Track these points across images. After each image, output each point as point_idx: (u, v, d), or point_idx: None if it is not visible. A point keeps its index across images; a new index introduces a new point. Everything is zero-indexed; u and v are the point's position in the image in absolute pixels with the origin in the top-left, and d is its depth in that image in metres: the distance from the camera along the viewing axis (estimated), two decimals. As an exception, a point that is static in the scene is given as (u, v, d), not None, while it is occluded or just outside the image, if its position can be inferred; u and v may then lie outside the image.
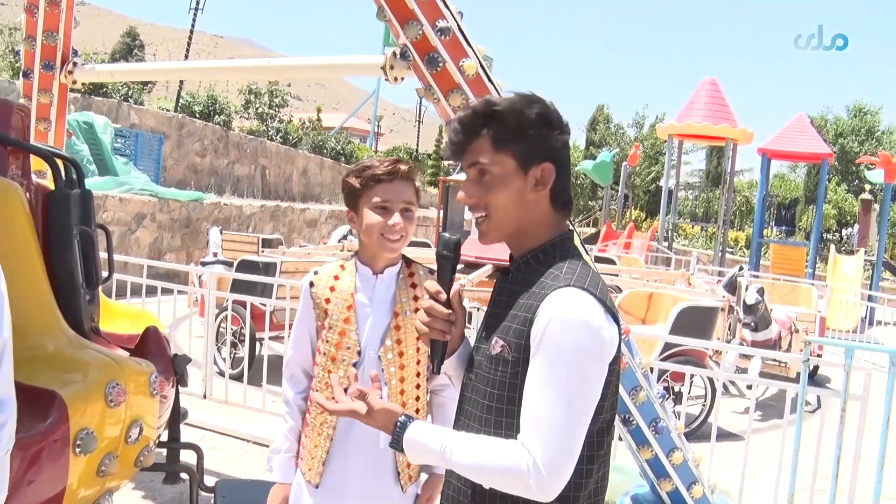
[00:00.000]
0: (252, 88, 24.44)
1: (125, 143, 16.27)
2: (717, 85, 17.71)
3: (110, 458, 2.39)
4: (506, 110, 1.63)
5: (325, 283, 2.32)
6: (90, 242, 2.83)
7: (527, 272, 1.67)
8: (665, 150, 24.54)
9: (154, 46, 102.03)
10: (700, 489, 3.83)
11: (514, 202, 1.65)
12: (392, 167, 2.24)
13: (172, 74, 6.02)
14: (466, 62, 3.46)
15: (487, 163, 1.64)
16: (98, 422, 2.32)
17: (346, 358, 2.26)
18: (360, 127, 51.03)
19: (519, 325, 1.61)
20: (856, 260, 16.01)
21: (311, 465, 2.29)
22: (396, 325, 2.28)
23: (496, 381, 1.64)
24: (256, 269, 7.67)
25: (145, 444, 2.61)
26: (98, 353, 2.47)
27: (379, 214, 2.22)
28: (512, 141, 1.63)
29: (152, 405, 2.65)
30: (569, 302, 1.55)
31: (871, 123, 36.71)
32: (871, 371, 4.49)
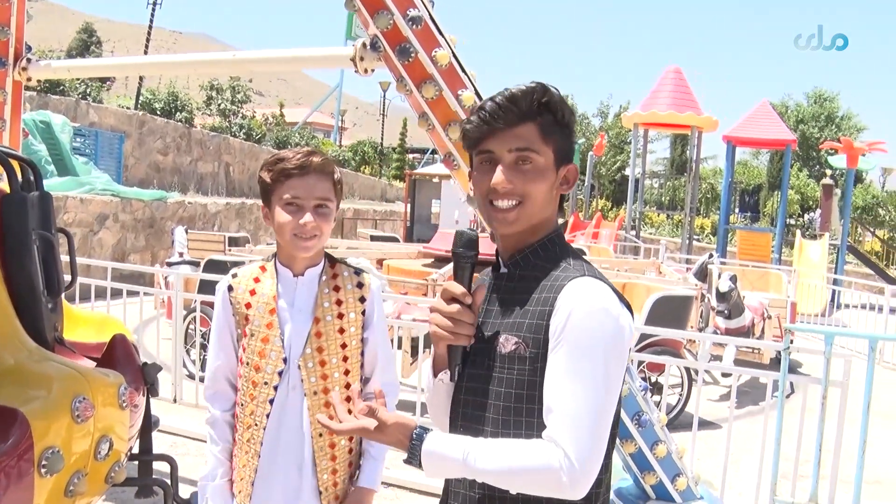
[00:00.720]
0: (214, 84, 24.11)
1: (84, 142, 15.91)
2: (682, 73, 17.80)
3: (79, 476, 2.25)
4: (560, 101, 1.60)
5: (245, 286, 2.16)
6: (51, 247, 2.68)
7: (526, 267, 1.61)
8: (630, 139, 24.69)
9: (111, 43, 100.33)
10: (684, 481, 3.80)
11: (546, 196, 1.61)
12: (303, 160, 2.06)
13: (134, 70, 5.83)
14: (439, 52, 3.37)
15: (534, 149, 1.57)
16: (64, 439, 2.18)
17: (270, 367, 2.11)
18: (323, 122, 50.72)
19: (536, 319, 1.54)
20: (821, 245, 16.21)
21: (241, 486, 2.15)
22: (317, 332, 2.13)
23: (513, 381, 1.56)
24: (224, 269, 7.47)
25: (116, 458, 2.47)
26: (62, 366, 2.33)
27: (289, 213, 2.06)
28: (556, 134, 1.60)
29: (122, 417, 2.51)
30: (589, 291, 1.51)
31: (829, 109, 37.40)
32: (852, 357, 4.48)
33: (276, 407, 2.11)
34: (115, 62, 4.44)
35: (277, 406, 2.11)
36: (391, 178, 37.16)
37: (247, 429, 2.13)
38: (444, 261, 8.67)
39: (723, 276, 8.18)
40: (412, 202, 20.24)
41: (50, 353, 2.45)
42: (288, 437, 2.11)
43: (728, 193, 18.25)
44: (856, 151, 16.94)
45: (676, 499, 3.80)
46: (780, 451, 4.37)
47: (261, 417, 2.11)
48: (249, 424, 2.13)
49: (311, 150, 2.12)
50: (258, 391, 2.11)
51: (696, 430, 4.81)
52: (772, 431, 4.51)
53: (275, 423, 2.11)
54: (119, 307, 6.59)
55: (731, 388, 8.06)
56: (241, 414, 2.16)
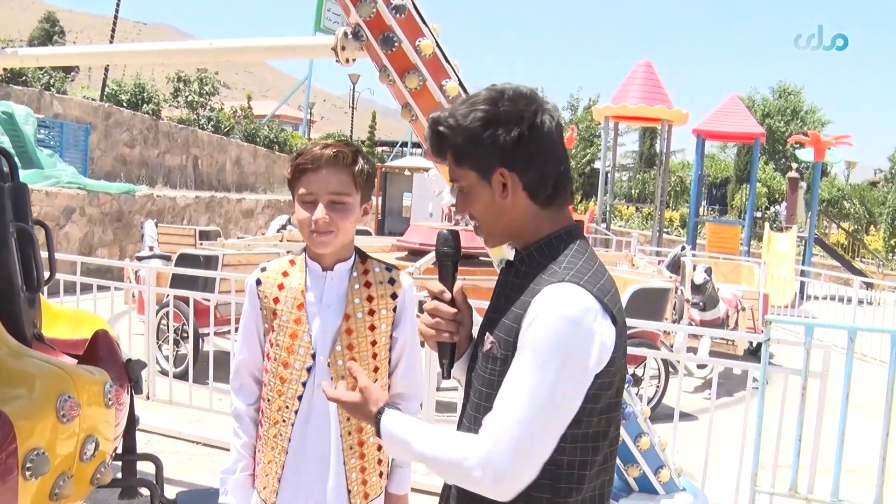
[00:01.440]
0: (181, 76, 23.71)
1: (49, 133, 15.55)
2: (652, 67, 17.88)
3: (64, 478, 2.18)
4: (447, 128, 1.57)
5: (274, 280, 2.12)
6: (29, 240, 2.60)
7: (530, 265, 1.58)
8: (600, 132, 24.80)
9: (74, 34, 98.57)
10: (667, 473, 3.81)
11: (490, 211, 1.59)
12: (316, 154, 2.02)
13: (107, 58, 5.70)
14: (423, 42, 3.32)
15: (457, 178, 1.61)
16: (50, 440, 2.11)
17: (299, 363, 2.06)
18: (291, 114, 50.25)
19: (511, 321, 1.52)
20: (789, 237, 16.41)
21: (266, 482, 2.11)
22: (347, 329, 2.08)
23: (486, 380, 1.56)
24: (197, 263, 7.39)
25: (102, 459, 2.40)
26: (45, 363, 2.25)
27: (305, 209, 2.03)
28: (466, 154, 1.57)
29: (108, 416, 2.44)
30: (560, 298, 1.45)
31: (794, 103, 37.84)
32: (831, 348, 4.53)
33: (305, 404, 2.06)
34: (88, 50, 4.32)
35: (305, 403, 2.06)
36: (362, 171, 36.90)
37: (273, 425, 2.08)
38: (417, 254, 8.61)
39: (698, 269, 8.24)
40: (383, 195, 20.15)
41: (30, 349, 2.38)
42: (315, 434, 2.07)
43: (698, 186, 18.41)
44: (822, 145, 17.18)
45: (659, 490, 3.80)
46: (760, 441, 4.41)
47: (289, 414, 2.07)
48: (276, 420, 2.08)
49: (328, 143, 2.07)
50: (286, 387, 2.07)
51: (677, 422, 4.83)
52: (751, 422, 4.54)
53: (303, 419, 2.07)
54: (89, 302, 6.47)
55: (705, 379, 8.22)
56: (267, 410, 2.11)
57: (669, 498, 3.79)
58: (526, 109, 1.55)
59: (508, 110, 1.54)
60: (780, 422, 4.53)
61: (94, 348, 2.76)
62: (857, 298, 11.71)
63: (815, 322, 5.27)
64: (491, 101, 1.55)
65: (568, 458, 1.50)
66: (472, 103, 1.56)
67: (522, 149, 1.54)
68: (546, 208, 1.59)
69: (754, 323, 8.94)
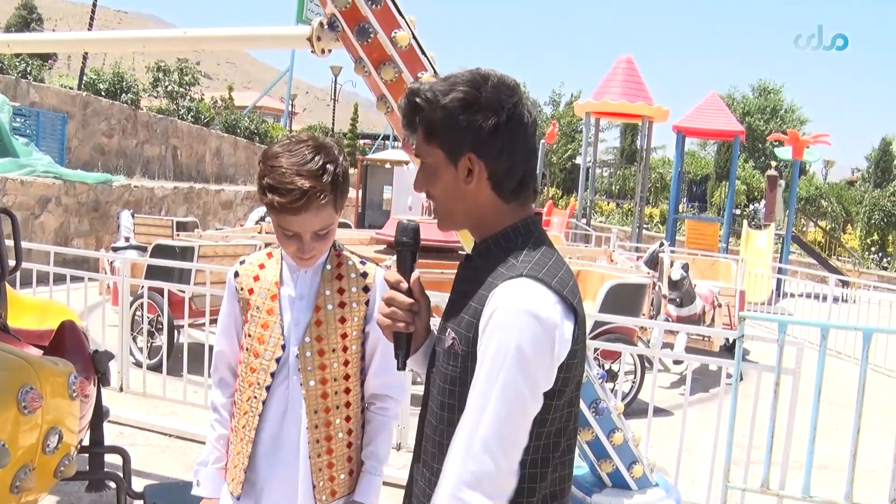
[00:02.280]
0: (161, 66, 23.47)
1: (25, 122, 15.35)
2: (633, 63, 17.94)
3: (26, 471, 2.14)
4: (424, 101, 1.53)
5: (250, 272, 2.13)
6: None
7: (487, 258, 1.56)
8: (581, 127, 24.82)
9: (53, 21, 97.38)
10: (640, 468, 3.82)
11: (450, 194, 1.57)
12: (299, 203, 1.89)
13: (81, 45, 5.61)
14: (399, 33, 3.29)
15: (423, 154, 1.57)
16: (10, 432, 2.07)
17: (269, 353, 2.05)
18: (273, 106, 49.98)
19: (470, 316, 1.51)
20: (767, 234, 16.54)
21: (234, 473, 2.09)
22: (317, 321, 2.06)
23: (448, 376, 1.55)
24: (172, 254, 7.32)
25: (66, 452, 2.36)
26: (7, 354, 2.20)
27: (288, 240, 1.99)
28: (438, 132, 1.53)
29: (72, 408, 2.40)
30: (517, 293, 1.44)
31: (774, 102, 38.12)
32: (804, 345, 4.56)
33: (273, 395, 2.05)
34: (61, 37, 4.25)
35: (274, 394, 2.05)
36: (343, 165, 36.79)
37: (243, 415, 2.07)
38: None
39: (675, 265, 8.27)
40: (363, 188, 20.07)
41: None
42: (283, 426, 2.05)
43: (678, 183, 18.50)
44: (801, 143, 17.32)
45: (632, 486, 3.81)
46: (733, 437, 4.43)
47: (257, 404, 2.05)
48: (245, 410, 2.07)
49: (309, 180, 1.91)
50: (255, 377, 2.06)
51: (651, 418, 4.84)
52: (725, 418, 4.56)
53: (270, 410, 2.05)
54: (62, 293, 6.39)
55: (680, 375, 8.26)
56: (238, 400, 2.10)
57: (642, 493, 3.81)
58: (507, 99, 1.52)
59: (490, 96, 1.51)
60: (752, 418, 4.56)
61: (61, 339, 2.71)
62: (833, 296, 11.81)
63: (788, 319, 5.31)
64: (473, 84, 1.52)
65: (531, 456, 1.48)
66: (452, 82, 1.53)
67: (496, 138, 1.51)
68: (508, 202, 1.57)
69: (731, 319, 9.00)
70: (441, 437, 1.56)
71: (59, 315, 3.10)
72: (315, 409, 2.05)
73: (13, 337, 2.63)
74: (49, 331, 2.85)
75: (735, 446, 4.50)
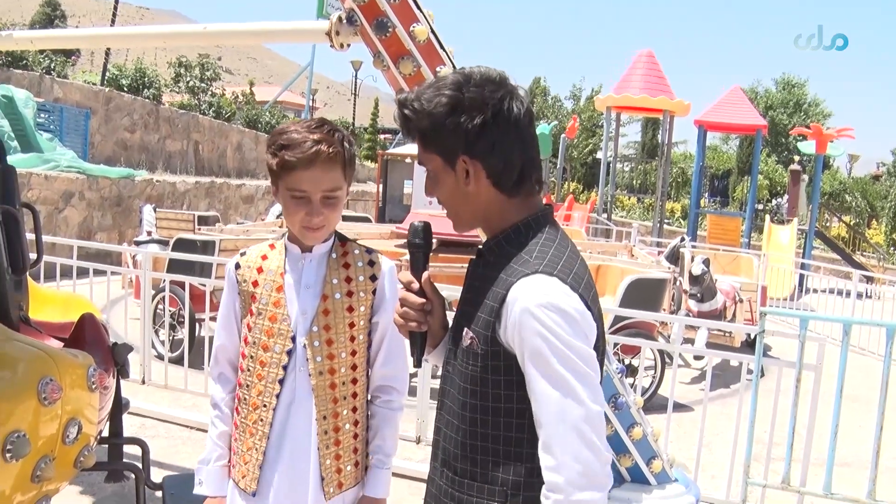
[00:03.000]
0: (182, 61, 23.63)
1: (49, 118, 15.51)
2: (654, 57, 17.83)
3: (46, 461, 2.16)
4: (412, 112, 1.55)
5: (253, 264, 2.09)
6: (15, 223, 2.58)
7: (499, 254, 1.56)
8: (602, 122, 24.70)
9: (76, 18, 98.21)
10: (659, 463, 3.79)
11: (455, 196, 1.59)
12: (311, 153, 1.92)
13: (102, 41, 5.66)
14: (417, 27, 3.29)
15: (424, 161, 1.60)
16: (31, 422, 2.09)
17: (279, 346, 2.02)
18: (294, 101, 50.13)
19: (487, 315, 1.51)
20: (790, 229, 16.38)
21: (246, 470, 2.05)
22: (325, 310, 2.04)
23: (468, 376, 1.55)
24: (194, 248, 7.37)
25: (85, 442, 2.38)
26: (28, 346, 2.23)
27: (296, 205, 1.97)
28: (431, 139, 1.56)
29: (92, 400, 2.42)
30: (535, 290, 1.44)
31: (798, 96, 37.72)
32: (826, 341, 4.51)
33: (286, 388, 2.03)
34: (82, 33, 4.28)
35: (287, 387, 2.03)
36: (363, 159, 36.91)
37: (253, 410, 2.04)
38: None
39: (696, 260, 8.22)
40: (384, 182, 20.09)
41: (14, 332, 2.36)
42: (296, 419, 2.03)
43: (699, 178, 18.34)
44: (825, 138, 17.12)
45: (651, 481, 3.79)
46: (753, 433, 4.40)
47: (270, 398, 2.03)
48: (257, 406, 2.04)
49: (319, 135, 1.96)
50: (266, 371, 2.03)
51: (670, 413, 4.81)
52: (745, 414, 4.53)
53: (284, 404, 2.03)
54: (85, 286, 6.46)
55: (701, 370, 8.21)
56: (246, 396, 2.07)
57: (661, 489, 3.78)
58: (491, 96, 1.52)
59: (473, 96, 1.51)
60: (773, 414, 4.52)
61: (81, 332, 2.74)
62: (857, 292, 11.68)
63: (809, 314, 5.24)
64: (456, 86, 1.52)
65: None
66: (437, 87, 1.54)
67: (486, 136, 1.51)
68: (512, 197, 1.57)
69: (752, 315, 8.92)
70: (464, 437, 1.56)
71: (79, 308, 3.14)
72: (323, 400, 2.04)
73: (34, 329, 2.66)
74: (69, 323, 2.87)
75: (755, 442, 4.46)
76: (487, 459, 1.53)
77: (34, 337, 2.46)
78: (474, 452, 1.55)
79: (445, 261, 7.78)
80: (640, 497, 3.72)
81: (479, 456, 1.54)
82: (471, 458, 1.55)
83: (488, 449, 1.53)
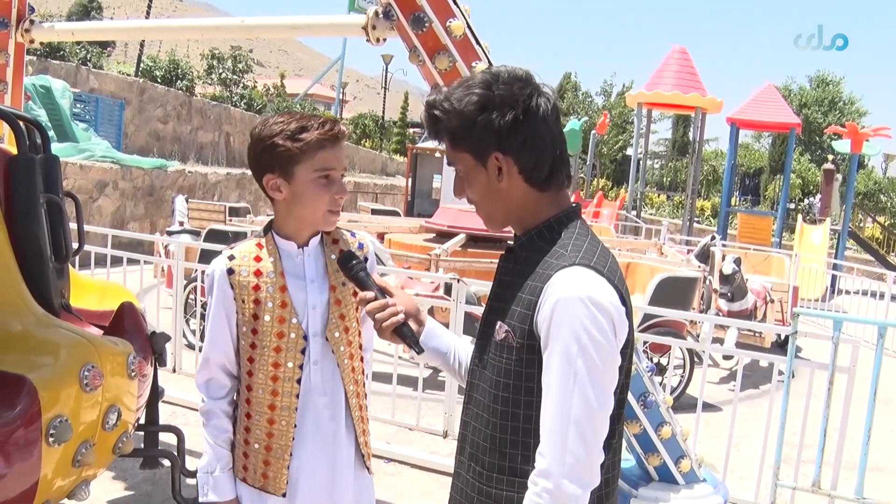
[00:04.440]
0: (215, 53, 23.84)
1: (85, 108, 15.72)
2: (687, 53, 17.66)
3: (87, 446, 2.21)
4: (442, 112, 1.57)
5: (248, 267, 2.00)
6: (59, 211, 2.63)
7: (531, 250, 1.59)
8: (633, 118, 24.53)
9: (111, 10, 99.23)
10: (688, 463, 3.78)
11: (487, 194, 1.61)
12: (335, 129, 1.96)
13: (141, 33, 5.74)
14: (454, 22, 3.30)
15: (454, 161, 1.62)
16: (73, 408, 2.13)
17: (292, 347, 2.00)
18: (324, 94, 50.34)
19: (524, 308, 1.53)
20: (822, 229, 16.17)
21: (269, 472, 2.02)
22: (336, 300, 2.05)
23: (501, 369, 1.57)
24: (226, 239, 7.43)
25: (124, 429, 2.43)
26: (70, 333, 2.28)
27: (323, 187, 1.96)
28: (461, 138, 1.58)
29: (131, 387, 2.47)
30: (574, 280, 1.47)
31: (833, 94, 37.14)
32: (860, 343, 4.45)
33: (304, 386, 2.03)
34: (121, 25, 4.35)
35: (304, 385, 2.03)
36: (392, 152, 36.98)
37: (272, 414, 2.01)
38: (446, 236, 8.61)
39: (727, 259, 8.15)
40: (413, 176, 20.13)
41: (57, 319, 2.41)
42: (323, 412, 2.04)
43: (730, 176, 18.15)
44: (860, 136, 16.85)
45: (679, 481, 3.78)
46: (784, 435, 4.36)
47: (290, 400, 2.01)
48: (276, 408, 2.01)
49: (325, 118, 2.00)
50: (282, 373, 2.01)
51: (699, 412, 4.79)
52: (776, 415, 4.49)
53: (304, 402, 2.03)
54: (118, 275, 6.55)
55: (730, 370, 8.15)
56: (259, 402, 2.02)
57: (689, 488, 3.77)
58: (520, 93, 1.55)
59: (503, 94, 1.54)
60: (804, 416, 4.47)
61: (120, 320, 2.79)
62: (891, 294, 11.50)
63: (843, 316, 5.19)
64: (486, 85, 1.55)
65: None
66: (467, 86, 1.56)
67: (517, 132, 1.54)
68: (543, 192, 1.60)
69: (783, 315, 8.83)
70: (494, 431, 1.58)
71: (118, 296, 3.19)
72: (351, 385, 2.08)
73: (75, 317, 2.71)
74: (109, 311, 2.92)
75: (785, 444, 4.42)
76: (517, 453, 1.55)
77: (75, 324, 2.51)
78: (503, 446, 1.56)
79: (474, 256, 7.80)
80: (667, 496, 3.72)
81: (507, 449, 1.56)
82: (499, 451, 1.57)
83: (518, 442, 1.55)
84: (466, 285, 5.30)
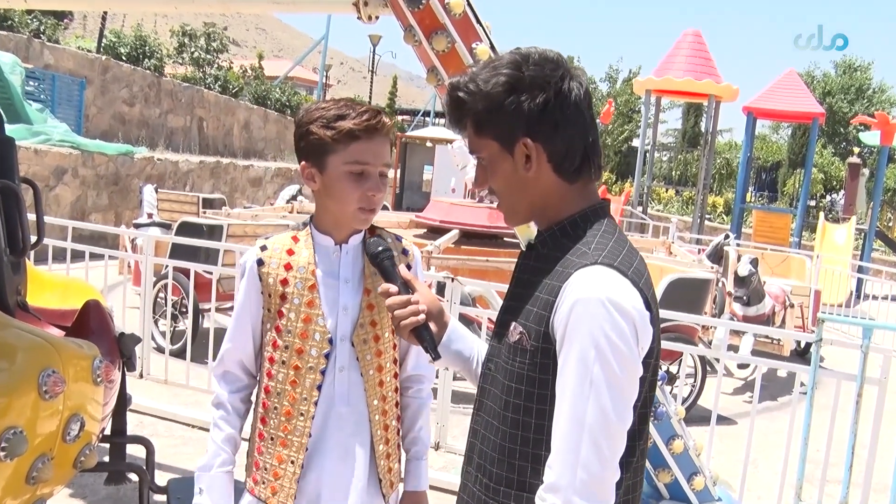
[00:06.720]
0: (186, 30, 23.69)
1: (39, 86, 15.52)
2: (701, 37, 17.66)
3: (44, 460, 2.16)
4: (467, 94, 1.56)
5: (278, 260, 2.03)
6: (15, 200, 2.58)
7: (553, 247, 1.57)
8: (640, 106, 24.57)
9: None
10: (701, 480, 3.78)
11: (512, 184, 1.59)
12: (374, 120, 1.94)
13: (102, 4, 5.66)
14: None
15: (477, 149, 1.61)
16: (29, 418, 2.08)
17: (315, 349, 2.00)
18: (305, 77, 50.20)
19: (540, 309, 1.51)
20: (846, 229, 16.21)
21: (279, 485, 2.02)
22: (369, 305, 2.04)
23: (514, 373, 1.55)
24: (199, 233, 7.40)
25: (87, 441, 2.38)
26: (27, 334, 2.23)
27: (355, 182, 1.95)
28: (487, 122, 1.56)
29: (96, 394, 2.42)
30: (594, 281, 1.44)
31: (861, 81, 37.17)
32: (892, 354, 4.45)
33: (325, 394, 2.01)
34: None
35: (325, 393, 2.01)
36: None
37: (287, 420, 2.01)
38: (437, 231, 8.59)
39: (742, 260, 8.16)
40: (402, 167, 20.12)
41: (12, 319, 2.37)
42: (341, 423, 2.03)
43: (746, 170, 18.20)
44: (891, 127, 16.85)
45: (692, 499, 3.78)
46: (806, 452, 4.35)
47: (307, 406, 2.00)
48: (292, 415, 2.01)
49: (371, 107, 2.00)
50: (302, 376, 2.00)
51: (714, 426, 4.78)
52: (797, 430, 4.49)
53: (323, 411, 2.02)
54: (79, 271, 6.49)
55: (745, 380, 8.15)
56: (277, 405, 2.03)
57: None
58: (552, 75, 1.53)
59: (534, 75, 1.52)
60: (830, 432, 4.47)
61: (85, 320, 2.75)
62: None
63: (875, 323, 5.17)
64: (515, 65, 1.53)
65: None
66: (494, 67, 1.54)
67: (548, 117, 1.53)
68: (573, 183, 1.58)
69: (803, 321, 8.85)
70: (503, 440, 1.56)
71: (82, 294, 3.15)
72: (375, 399, 2.05)
73: (33, 316, 2.67)
74: (71, 311, 2.89)
75: (808, 462, 4.42)
76: (527, 465, 1.53)
77: (33, 324, 2.47)
78: (513, 457, 1.55)
79: (469, 253, 7.78)
80: (680, 517, 3.71)
81: (517, 461, 1.54)
82: (508, 462, 1.55)
83: (528, 454, 1.53)
84: (461, 285, 5.28)
